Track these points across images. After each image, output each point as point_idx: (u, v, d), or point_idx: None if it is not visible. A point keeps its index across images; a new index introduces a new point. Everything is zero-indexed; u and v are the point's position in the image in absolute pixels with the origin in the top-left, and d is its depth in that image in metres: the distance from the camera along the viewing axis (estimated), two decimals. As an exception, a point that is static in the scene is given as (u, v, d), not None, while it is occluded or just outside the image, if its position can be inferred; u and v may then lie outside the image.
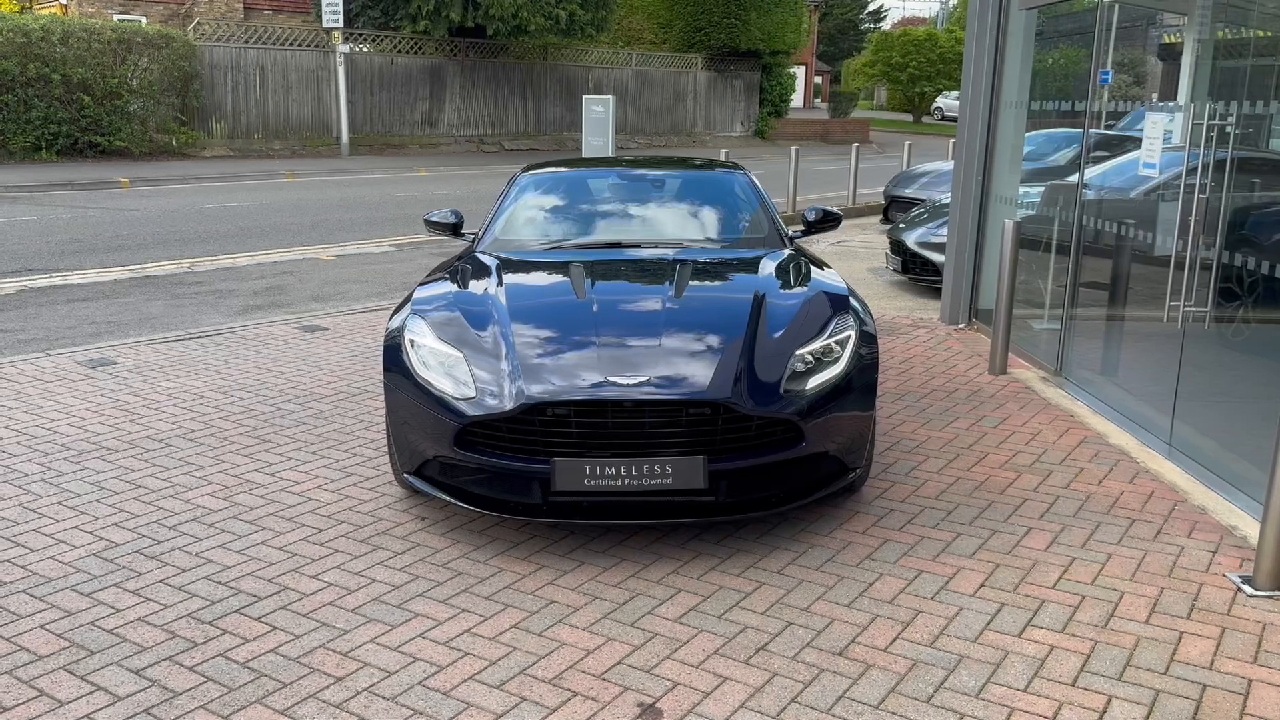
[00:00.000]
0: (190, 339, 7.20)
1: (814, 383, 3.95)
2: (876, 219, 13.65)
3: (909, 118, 47.75)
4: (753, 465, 3.81)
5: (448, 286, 4.56)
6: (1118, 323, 6.38)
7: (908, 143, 16.91)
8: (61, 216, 13.03)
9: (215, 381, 6.16)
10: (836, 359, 4.07)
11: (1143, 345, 6.14)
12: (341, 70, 22.46)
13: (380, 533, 4.09)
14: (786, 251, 5.09)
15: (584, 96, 14.29)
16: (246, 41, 22.23)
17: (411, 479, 4.10)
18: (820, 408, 3.89)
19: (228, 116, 21.91)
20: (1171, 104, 5.51)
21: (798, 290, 4.47)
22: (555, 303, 4.37)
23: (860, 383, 4.09)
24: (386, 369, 4.21)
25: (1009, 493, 4.52)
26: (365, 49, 24.22)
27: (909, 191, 12.75)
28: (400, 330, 4.26)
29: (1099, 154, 7.38)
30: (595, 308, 4.22)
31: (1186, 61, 5.98)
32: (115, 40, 19.59)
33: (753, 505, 3.81)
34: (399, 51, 24.76)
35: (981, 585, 3.66)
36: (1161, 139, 5.32)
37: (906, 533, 4.10)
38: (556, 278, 4.64)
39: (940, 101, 48.65)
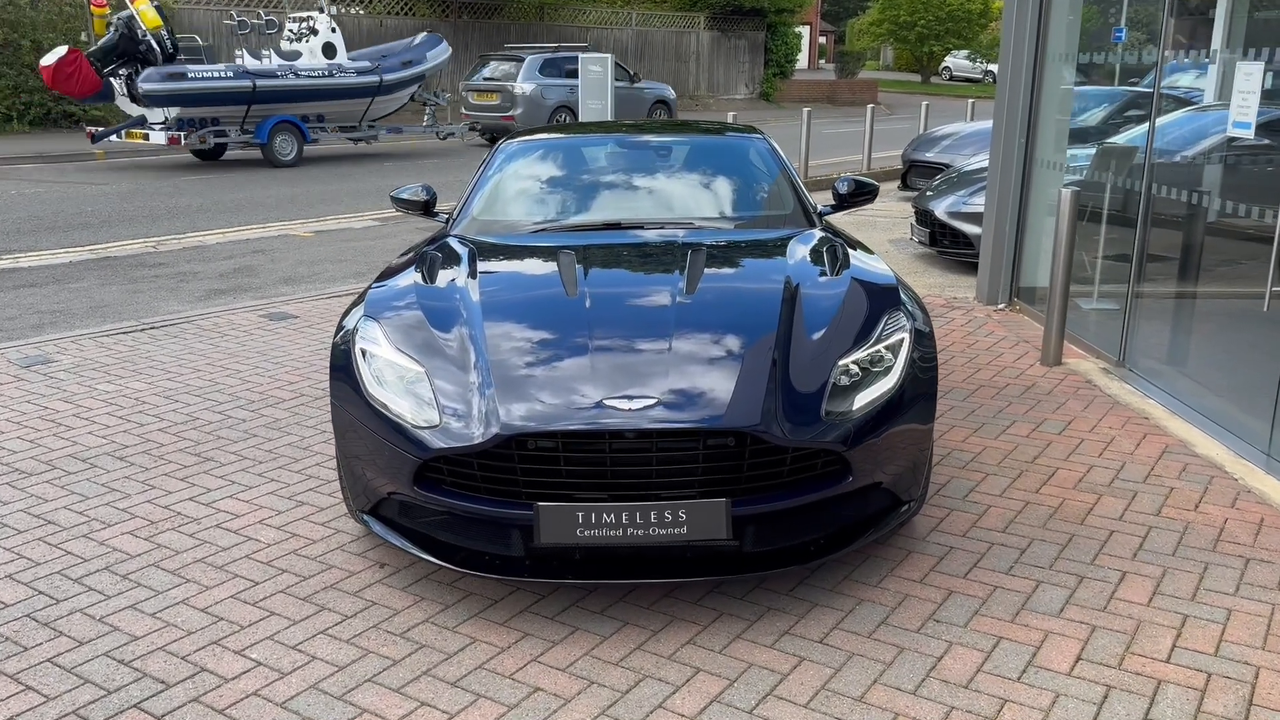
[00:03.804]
0: (142, 330, 6.43)
1: (862, 400, 3.17)
2: (894, 185, 12.80)
3: (917, 78, 46.54)
4: (787, 508, 3.04)
5: (411, 279, 3.78)
6: (1192, 306, 5.59)
7: (925, 103, 16.01)
8: (24, 192, 12.22)
9: (160, 384, 5.39)
10: (888, 369, 3.29)
11: (1227, 333, 5.36)
12: (328, 33, 21.41)
13: (328, 586, 3.34)
14: (817, 231, 4.29)
15: (580, 56, 13.40)
16: (228, 4, 21.24)
17: (367, 519, 3.34)
18: (870, 432, 3.12)
19: (210, 83, 20.93)
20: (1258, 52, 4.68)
21: (835, 280, 3.68)
22: (539, 299, 3.59)
23: (917, 397, 3.31)
24: (333, 383, 3.44)
25: (1090, 522, 3.75)
26: (354, 10, 23.20)
27: (930, 156, 11.89)
28: (350, 336, 3.48)
29: (1135, 113, 6.56)
30: (588, 304, 3.45)
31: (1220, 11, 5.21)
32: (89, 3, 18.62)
33: (786, 557, 3.05)
34: (389, 13, 23.75)
35: (1078, 659, 2.90)
36: (1258, 93, 4.50)
37: (974, 581, 3.34)
38: (542, 267, 3.86)
39: (949, 61, 47.41)
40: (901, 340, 3.37)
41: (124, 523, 3.81)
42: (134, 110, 14.51)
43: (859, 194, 4.84)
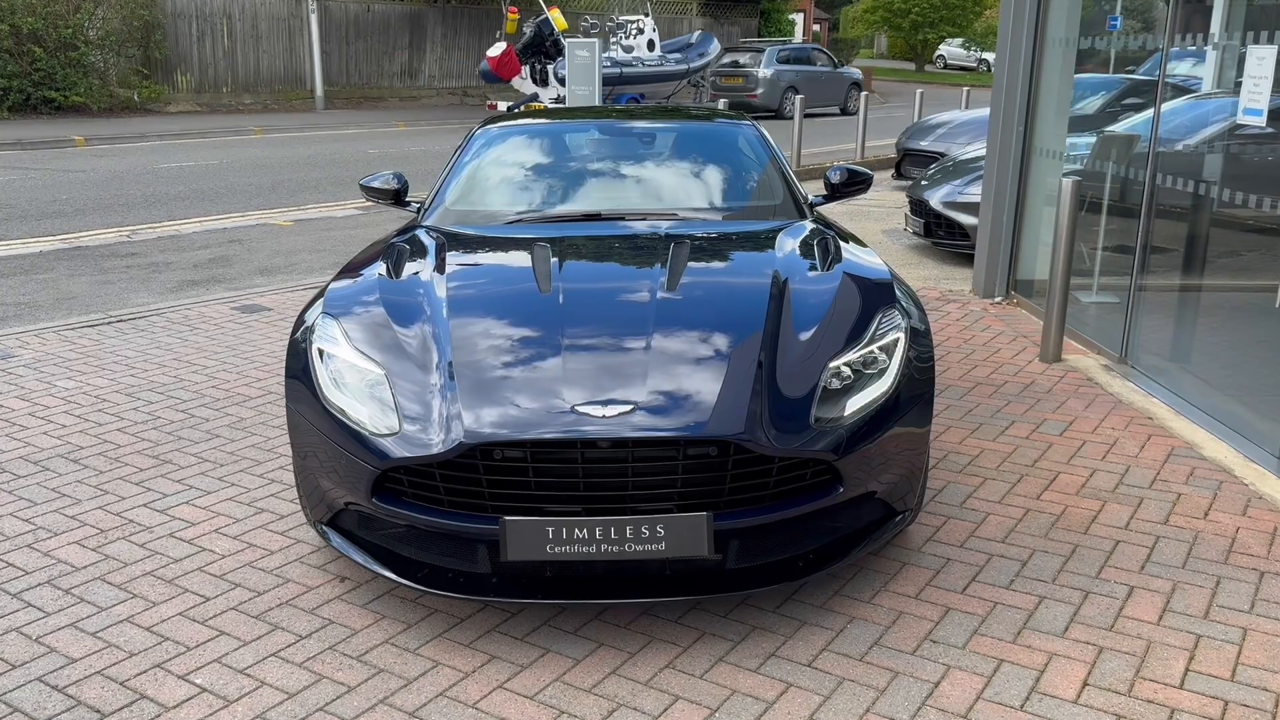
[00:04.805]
0: (108, 323, 6.20)
1: (854, 405, 2.96)
2: (888, 174, 12.58)
3: (911, 66, 46.22)
4: (773, 521, 2.83)
5: (375, 274, 3.55)
6: (1197, 300, 5.39)
7: (919, 91, 15.79)
8: (-2, 179, 11.93)
9: (123, 380, 5.16)
10: (882, 371, 3.07)
11: (1234, 329, 5.16)
12: (314, 18, 21.17)
13: (283, 603, 3.12)
14: (808, 224, 4.07)
15: (567, 40, 13.14)
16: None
17: (325, 531, 3.13)
18: (863, 439, 2.91)
19: (194, 69, 20.66)
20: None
21: (826, 275, 3.46)
22: (509, 294, 3.37)
23: (913, 400, 3.10)
24: (289, 384, 3.22)
25: (1094, 531, 3.55)
26: (341, -4, 22.90)
27: (925, 144, 11.66)
28: (308, 334, 3.26)
29: (1138, 100, 6.36)
30: (562, 300, 3.23)
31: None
32: (68, -13, 18.31)
33: (773, 574, 2.84)
34: (376, -2, 23.44)
35: (1084, 685, 2.70)
36: (1270, 78, 4.29)
37: (972, 596, 3.13)
38: (514, 260, 3.64)
39: (943, 49, 47.09)
40: (896, 340, 3.16)
41: (72, 531, 3.59)
42: (528, 89, 18.22)
43: (852, 183, 4.63)
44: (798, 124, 13.75)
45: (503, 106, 18.77)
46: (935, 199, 8.11)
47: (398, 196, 4.57)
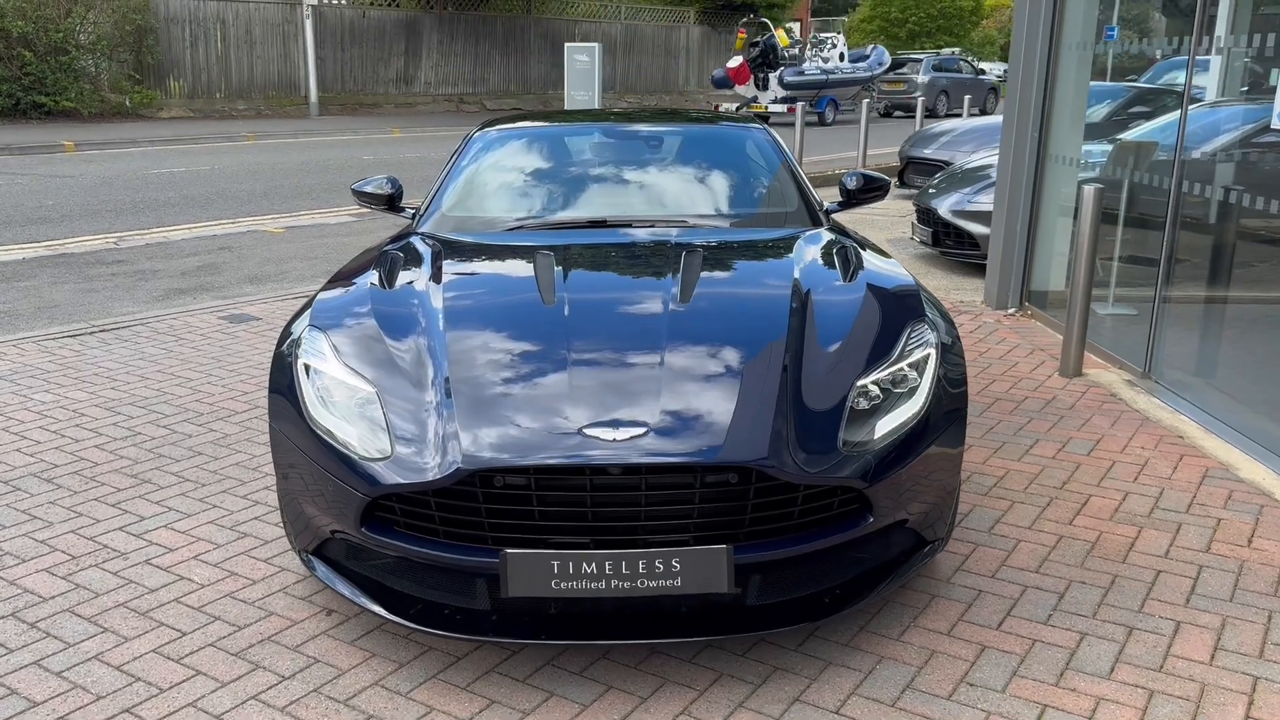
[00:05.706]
0: (90, 334, 5.96)
1: (884, 428, 2.74)
2: (892, 182, 12.39)
3: (907, 75, 46.10)
4: (797, 554, 2.61)
5: (367, 283, 3.32)
6: (1223, 312, 5.18)
7: (920, 98, 15.60)
8: (-16, 184, 11.69)
9: (103, 393, 4.93)
10: (913, 389, 2.86)
11: (1266, 342, 4.96)
12: (309, 24, 20.96)
13: (265, 639, 2.89)
14: (825, 231, 3.86)
15: (566, 45, 12.97)
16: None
17: (311, 560, 2.90)
18: (894, 464, 2.69)
19: (186, 74, 20.44)
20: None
21: (849, 286, 3.24)
22: (510, 305, 3.14)
23: (946, 421, 2.88)
24: (272, 401, 2.99)
25: (1133, 560, 3.33)
26: (335, 0, 22.68)
27: (929, 152, 11.48)
28: (294, 348, 3.03)
29: (1161, 105, 6.18)
30: (567, 313, 3.01)
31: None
32: (60, -10, 18.10)
33: (796, 612, 2.61)
34: (371, 4, 23.23)
35: (1138, 734, 2.48)
36: (1308, 80, 4.09)
37: (1008, 633, 2.91)
38: (515, 270, 3.41)
39: (940, 58, 47.01)
40: (927, 356, 2.94)
41: (41, 558, 3.35)
42: (749, 93, 23.04)
43: (869, 190, 4.41)
44: (799, 132, 13.53)
45: (726, 107, 22.22)
46: (944, 208, 7.91)
47: (391, 202, 4.35)
